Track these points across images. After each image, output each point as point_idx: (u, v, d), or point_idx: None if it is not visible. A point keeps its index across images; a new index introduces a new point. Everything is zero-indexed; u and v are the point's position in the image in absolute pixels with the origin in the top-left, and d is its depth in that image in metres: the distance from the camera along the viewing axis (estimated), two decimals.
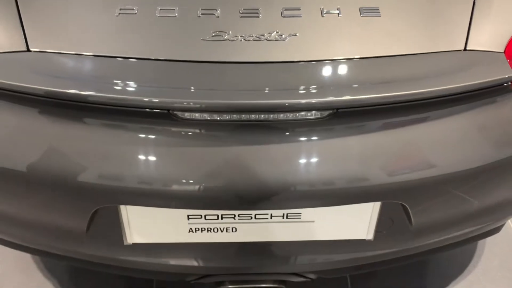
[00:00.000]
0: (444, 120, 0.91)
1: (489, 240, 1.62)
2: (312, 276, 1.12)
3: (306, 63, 0.88)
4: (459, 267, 1.54)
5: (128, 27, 0.91)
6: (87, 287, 1.46)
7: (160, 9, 0.93)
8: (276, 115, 0.85)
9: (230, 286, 1.12)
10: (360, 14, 0.94)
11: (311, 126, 0.86)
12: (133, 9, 0.93)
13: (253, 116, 0.85)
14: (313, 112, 0.85)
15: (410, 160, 0.90)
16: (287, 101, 0.82)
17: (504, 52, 0.94)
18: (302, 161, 0.87)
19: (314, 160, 0.87)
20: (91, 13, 0.94)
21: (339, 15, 0.93)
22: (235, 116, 0.85)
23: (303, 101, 0.82)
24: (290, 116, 0.85)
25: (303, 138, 0.87)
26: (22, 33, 0.91)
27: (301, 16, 0.93)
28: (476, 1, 0.98)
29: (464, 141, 0.93)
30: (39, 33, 0.91)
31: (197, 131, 0.86)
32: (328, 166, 0.87)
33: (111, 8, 0.93)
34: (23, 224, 1.03)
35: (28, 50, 0.90)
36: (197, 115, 0.85)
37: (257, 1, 0.94)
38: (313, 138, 0.87)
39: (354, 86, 0.85)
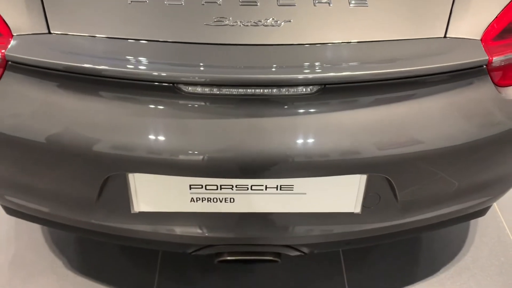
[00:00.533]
0: (425, 99, 1.00)
1: (478, 231, 1.69)
2: (305, 250, 1.20)
3: (297, 45, 0.98)
4: (450, 255, 1.60)
5: (139, 13, 1.02)
6: (94, 265, 1.55)
7: (167, 1, 1.03)
8: (270, 90, 0.95)
9: (228, 258, 1.21)
10: (349, 4, 1.04)
11: (302, 101, 0.96)
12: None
13: (249, 90, 0.94)
14: (303, 88, 0.95)
15: (393, 135, 0.99)
16: (278, 76, 0.92)
17: (481, 40, 1.03)
18: (294, 133, 0.96)
19: (304, 132, 0.96)
20: (105, 1, 1.05)
21: (330, 5, 1.03)
22: (233, 90, 0.95)
23: (292, 76, 0.92)
24: (283, 91, 0.95)
25: (294, 112, 0.96)
26: (44, 18, 1.02)
27: (295, 5, 1.02)
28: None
29: (444, 119, 1.01)
30: (59, 18, 1.02)
31: (199, 104, 0.96)
32: (316, 138, 0.96)
33: None
34: (40, 194, 1.13)
35: (49, 32, 1.01)
36: (199, 89, 0.95)
37: None
38: (304, 112, 0.96)
39: (339, 65, 0.95)
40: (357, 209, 1.10)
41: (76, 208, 1.12)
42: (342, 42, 0.99)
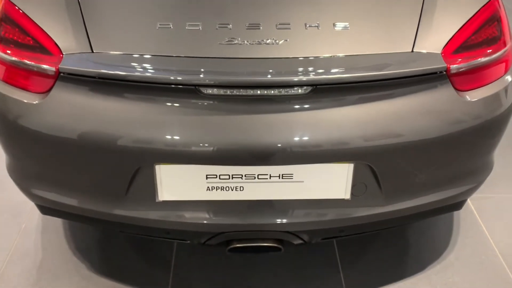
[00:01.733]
0: (400, 99, 1.23)
1: (461, 233, 1.86)
2: (304, 237, 1.39)
3: (292, 58, 1.22)
4: (436, 254, 1.77)
5: (165, 36, 1.26)
6: (115, 267, 1.71)
7: (188, 24, 1.28)
8: (271, 91, 1.18)
9: (237, 245, 1.39)
10: (334, 27, 1.29)
11: (297, 99, 1.19)
12: (169, 24, 1.29)
13: (254, 91, 1.18)
14: (298, 89, 1.18)
15: (373, 129, 1.21)
16: (277, 78, 1.16)
17: (441, 53, 1.28)
18: (291, 126, 1.19)
19: (300, 125, 1.19)
20: (138, 27, 1.30)
21: (318, 28, 1.28)
22: (242, 91, 1.18)
23: (288, 78, 1.16)
24: (282, 91, 1.18)
25: (291, 108, 1.19)
26: (88, 41, 1.27)
27: (290, 28, 1.28)
28: (421, 18, 1.32)
29: (415, 116, 1.24)
30: (99, 40, 1.27)
31: (215, 103, 1.19)
32: (310, 130, 1.19)
33: (153, 24, 1.28)
34: (77, 189, 1.33)
35: (92, 51, 1.25)
36: (215, 91, 1.18)
37: (259, 19, 1.29)
38: (299, 108, 1.19)
39: (327, 71, 1.19)
40: (347, 195, 1.30)
41: (108, 200, 1.32)
42: (328, 55, 1.24)
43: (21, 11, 1.32)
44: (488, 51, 1.33)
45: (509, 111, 1.40)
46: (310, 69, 1.19)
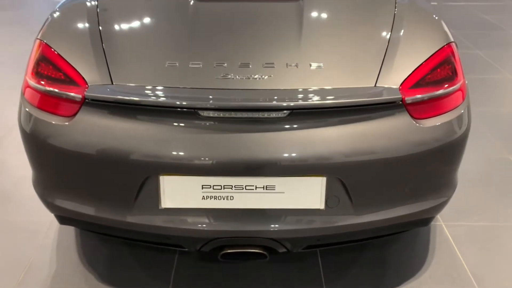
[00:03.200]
0: (363, 123, 1.48)
1: (436, 255, 2.04)
2: (287, 244, 1.59)
3: (275, 89, 1.49)
4: (411, 272, 1.95)
5: (173, 72, 1.55)
6: (122, 278, 1.90)
7: (191, 63, 1.57)
8: (256, 114, 1.44)
9: (228, 251, 1.60)
10: (310, 67, 1.57)
11: (279, 122, 1.45)
12: (176, 63, 1.58)
13: (243, 114, 1.44)
14: (279, 113, 1.44)
15: (341, 147, 1.46)
16: (262, 104, 1.42)
17: (399, 88, 1.54)
18: (273, 144, 1.43)
19: (280, 143, 1.44)
20: (150, 64, 1.59)
21: (297, 67, 1.56)
22: (232, 114, 1.44)
23: (270, 104, 1.43)
24: (265, 115, 1.44)
25: (272, 129, 1.45)
26: (109, 75, 1.55)
27: (274, 67, 1.56)
28: (384, 60, 1.60)
29: (377, 138, 1.48)
30: (119, 75, 1.55)
31: (210, 123, 1.45)
32: (287, 147, 1.44)
33: (162, 62, 1.58)
34: (93, 198, 1.57)
35: (112, 83, 1.53)
36: (210, 114, 1.44)
37: (249, 59, 1.58)
38: (279, 129, 1.45)
39: (302, 98, 1.45)
40: (322, 205, 1.52)
41: (119, 208, 1.55)
42: (304, 88, 1.51)
43: (55, 52, 1.63)
44: (442, 87, 1.60)
45: (463, 137, 1.64)
46: (288, 97, 1.45)
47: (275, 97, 1.45)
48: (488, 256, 2.05)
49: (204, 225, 1.54)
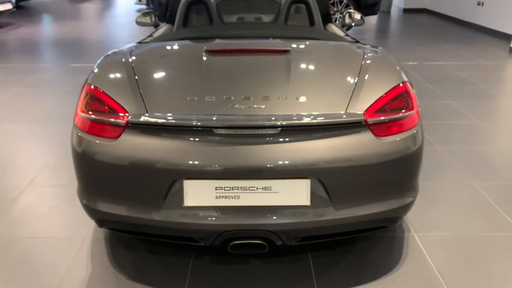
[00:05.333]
0: (336, 138, 1.96)
1: (408, 256, 2.44)
2: (283, 236, 2.02)
3: (270, 114, 1.99)
4: (387, 268, 2.34)
5: (193, 104, 2.06)
6: (146, 280, 2.29)
7: (207, 97, 2.08)
8: (256, 131, 1.93)
9: (236, 242, 2.02)
10: (296, 99, 2.08)
11: (273, 137, 1.93)
12: (195, 98, 2.09)
13: (246, 131, 1.93)
14: (273, 129, 1.93)
15: (321, 155, 1.93)
16: (260, 123, 1.92)
17: (363, 114, 2.04)
18: (269, 154, 1.91)
19: (275, 153, 1.91)
20: (176, 99, 2.10)
21: (287, 99, 2.07)
22: (238, 131, 1.93)
23: (266, 123, 1.92)
24: (263, 131, 1.93)
25: (269, 141, 1.92)
26: (145, 107, 2.06)
27: (269, 99, 2.07)
28: (353, 93, 2.11)
29: (347, 149, 1.96)
30: (151, 106, 2.05)
31: (222, 139, 1.93)
32: (280, 155, 1.91)
33: (184, 98, 2.08)
34: (131, 202, 2.01)
35: (147, 112, 2.03)
36: (222, 131, 1.93)
37: (250, 94, 2.09)
38: (273, 141, 1.93)
39: (290, 119, 1.95)
40: (308, 202, 1.96)
41: (151, 208, 1.98)
42: (292, 113, 2.01)
43: (101, 90, 2.14)
44: (398, 113, 2.10)
45: (418, 151, 2.12)
46: (280, 119, 1.95)
47: (270, 119, 1.95)
48: (452, 258, 2.45)
49: (217, 220, 1.98)
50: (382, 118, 2.05)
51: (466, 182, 3.27)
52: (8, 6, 9.85)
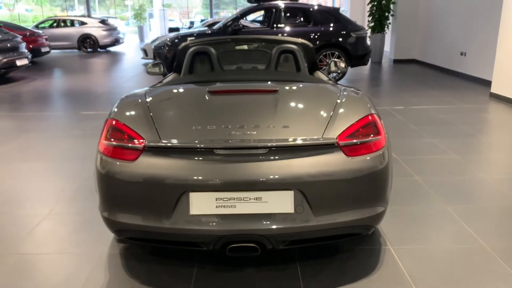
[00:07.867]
0: (314, 157, 2.40)
1: (383, 264, 2.80)
2: (272, 240, 2.41)
3: (260, 139, 2.44)
4: (365, 273, 2.70)
5: (198, 132, 2.51)
6: (151, 283, 2.65)
7: (208, 126, 2.54)
8: (249, 151, 2.37)
9: (233, 245, 2.41)
10: (282, 127, 2.54)
11: (263, 155, 2.37)
12: (199, 127, 2.54)
13: (241, 152, 2.37)
14: (263, 150, 2.37)
15: (302, 171, 2.36)
16: (251, 144, 2.36)
17: (336, 138, 2.50)
18: (260, 170, 2.34)
19: (264, 169, 2.35)
20: (183, 128, 2.56)
21: (274, 127, 2.53)
22: (236, 151, 2.37)
23: (257, 144, 2.37)
24: (254, 151, 2.37)
25: (259, 160, 2.36)
26: (157, 134, 2.51)
27: (259, 127, 2.52)
28: (329, 122, 2.58)
29: (323, 166, 2.40)
30: (163, 134, 2.51)
31: (222, 158, 2.37)
32: (268, 171, 2.34)
33: (190, 127, 2.54)
34: (147, 213, 2.42)
35: (160, 139, 2.49)
36: (222, 152, 2.37)
37: (244, 123, 2.54)
38: (263, 160, 2.36)
39: (276, 141, 2.40)
40: (292, 210, 2.37)
41: (163, 217, 2.39)
42: (279, 138, 2.46)
43: (122, 123, 2.61)
44: (366, 137, 2.55)
45: (385, 169, 2.55)
46: (268, 141, 2.40)
47: (260, 141, 2.40)
48: (422, 266, 2.81)
49: (217, 225, 2.38)
50: (352, 141, 2.50)
51: (440, 206, 3.67)
52: (25, 61, 10.62)
